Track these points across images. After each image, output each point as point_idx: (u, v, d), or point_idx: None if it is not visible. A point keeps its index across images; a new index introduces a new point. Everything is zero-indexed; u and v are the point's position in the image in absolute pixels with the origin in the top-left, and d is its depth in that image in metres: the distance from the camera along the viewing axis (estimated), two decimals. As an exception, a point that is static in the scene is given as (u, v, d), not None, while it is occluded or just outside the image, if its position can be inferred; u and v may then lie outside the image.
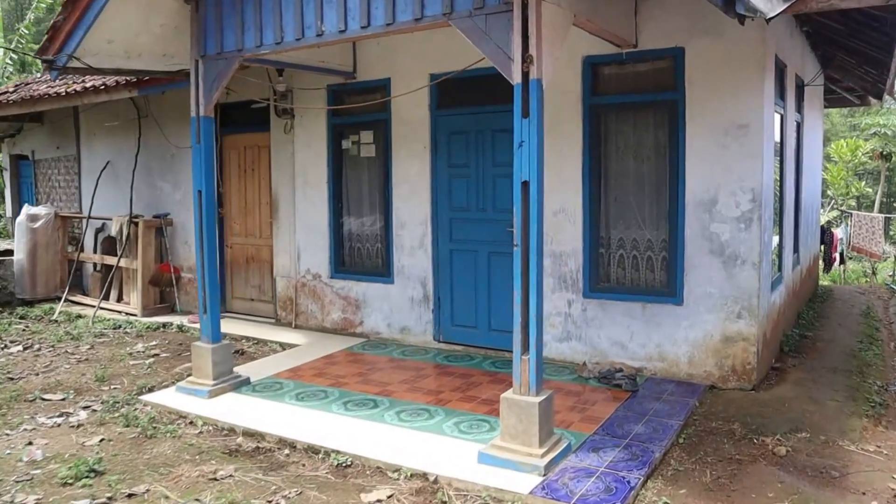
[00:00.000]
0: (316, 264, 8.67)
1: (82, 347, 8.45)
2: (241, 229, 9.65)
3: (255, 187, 9.44)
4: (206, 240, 6.35)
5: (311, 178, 8.62)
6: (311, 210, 8.65)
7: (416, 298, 7.86)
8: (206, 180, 6.30)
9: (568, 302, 6.83)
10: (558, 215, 6.83)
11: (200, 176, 6.29)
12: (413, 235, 7.81)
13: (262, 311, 9.54)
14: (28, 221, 10.98)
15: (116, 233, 10.25)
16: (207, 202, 6.32)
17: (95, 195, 10.85)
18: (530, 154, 4.41)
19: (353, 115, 8.27)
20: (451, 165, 7.52)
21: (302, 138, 8.66)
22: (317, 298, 8.69)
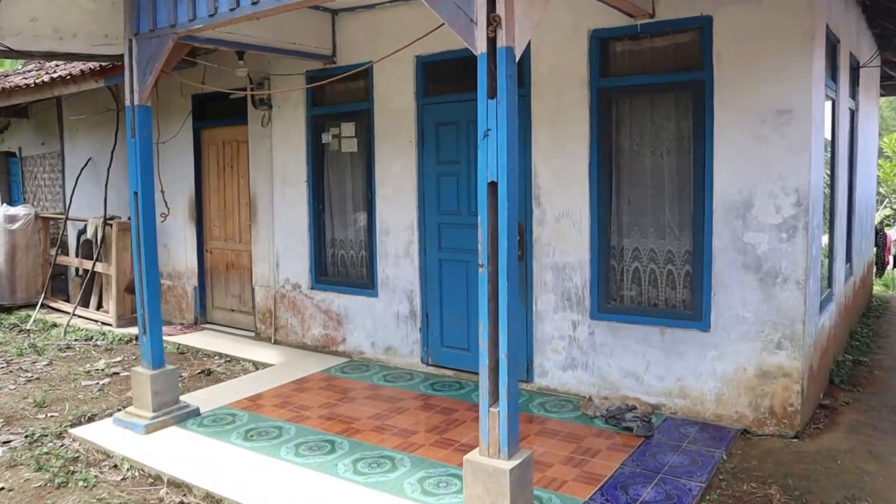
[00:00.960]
0: (296, 273, 7.71)
1: (40, 364, 7.62)
2: (221, 233, 8.75)
3: (235, 186, 8.53)
4: (144, 249, 5.42)
5: (289, 176, 7.66)
6: (290, 212, 7.70)
7: (402, 314, 6.85)
8: (143, 180, 5.37)
9: (572, 323, 5.76)
10: (561, 221, 5.76)
11: (136, 175, 5.36)
12: (398, 242, 6.80)
13: (242, 323, 8.62)
14: (6, 223, 10.25)
15: (92, 235, 9.44)
16: (145, 206, 5.39)
17: (75, 194, 10.06)
18: (499, 146, 3.36)
19: (333, 104, 7.29)
20: (440, 162, 6.49)
21: (280, 132, 7.71)
22: (297, 311, 7.74)
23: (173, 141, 8.96)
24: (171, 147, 9.01)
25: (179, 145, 8.91)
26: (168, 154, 9.08)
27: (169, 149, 9.04)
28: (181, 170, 8.93)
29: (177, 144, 8.94)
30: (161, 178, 9.27)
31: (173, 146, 8.98)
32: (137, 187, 5.35)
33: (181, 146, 8.89)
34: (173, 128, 8.89)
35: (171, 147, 9.00)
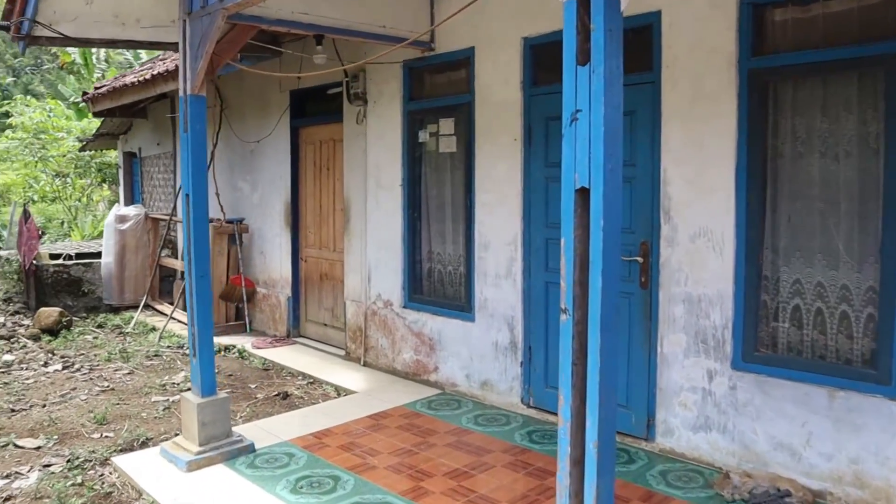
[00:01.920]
0: (387, 289, 6.86)
1: (121, 372, 7.21)
2: (316, 240, 8.06)
3: (330, 190, 7.81)
4: (195, 260, 4.70)
5: (384, 179, 6.82)
6: (383, 220, 6.85)
7: (500, 345, 5.81)
8: (196, 181, 4.66)
9: (708, 373, 4.50)
10: (697, 240, 4.52)
11: (188, 175, 4.66)
12: (498, 259, 5.77)
13: (333, 340, 7.88)
14: (116, 223, 10.13)
15: (191, 239, 9.05)
16: (197, 209, 4.67)
17: (179, 195, 9.75)
18: (593, 136, 2.28)
19: (431, 97, 6.38)
20: (550, 164, 5.40)
21: (375, 129, 6.88)
22: (387, 332, 6.87)
23: (270, 140, 8.39)
24: (267, 146, 8.45)
25: (276, 145, 8.32)
26: (264, 154, 8.52)
27: (265, 148, 8.49)
28: (277, 171, 8.34)
29: (273, 144, 8.36)
30: (255, 179, 8.75)
31: (269, 145, 8.41)
32: (189, 189, 4.65)
33: (278, 146, 8.30)
34: (269, 126, 8.31)
35: (268, 146, 8.44)
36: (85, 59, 20.01)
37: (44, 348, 8.10)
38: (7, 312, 9.42)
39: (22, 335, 8.60)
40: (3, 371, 7.18)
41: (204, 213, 4.72)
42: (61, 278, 9.83)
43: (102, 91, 9.86)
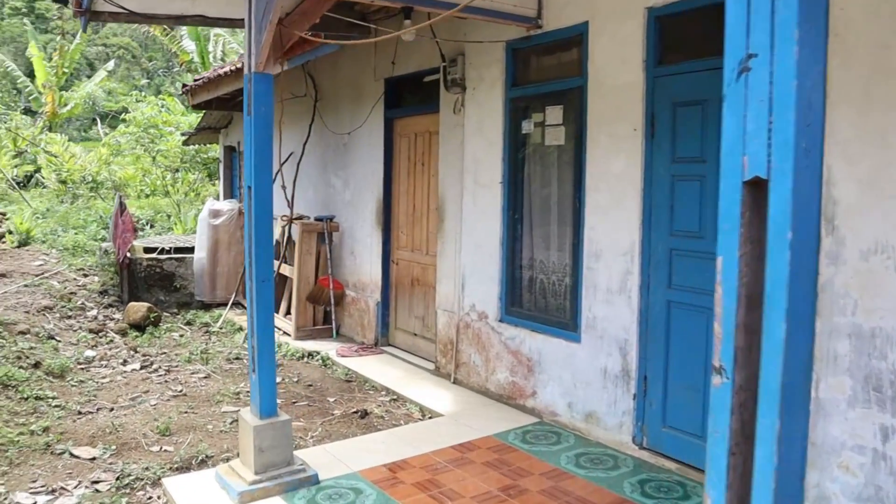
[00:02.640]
0: (483, 299, 6.10)
1: (198, 376, 6.79)
2: (408, 241, 7.40)
3: (425, 187, 7.12)
4: (257, 260, 4.10)
5: (482, 175, 6.06)
6: (480, 221, 6.10)
7: (610, 371, 4.94)
8: (259, 171, 4.05)
9: (882, 431, 3.48)
10: (871, 258, 3.51)
11: (251, 164, 4.06)
12: (611, 271, 4.90)
13: (423, 351, 7.20)
14: (210, 218, 9.85)
15: (279, 235, 8.61)
16: (260, 204, 4.07)
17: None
18: (776, 93, 1.42)
19: (537, 82, 5.58)
20: (677, 160, 4.48)
21: (473, 119, 6.14)
22: (481, 347, 6.11)
23: (362, 132, 7.80)
24: (360, 140, 7.87)
25: (369, 137, 7.72)
26: (356, 148, 7.95)
27: (358, 142, 7.91)
28: (370, 166, 7.74)
29: (365, 136, 7.77)
30: (347, 175, 8.18)
31: (363, 139, 7.83)
32: (251, 180, 4.04)
33: (371, 138, 7.69)
34: (363, 115, 7.72)
35: (361, 140, 7.86)
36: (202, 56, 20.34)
37: (128, 345, 7.83)
38: (101, 305, 9.29)
39: (111, 329, 8.40)
40: (83, 367, 6.91)
41: (267, 208, 4.10)
42: (154, 272, 9.65)
43: (200, 82, 9.60)
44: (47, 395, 5.95)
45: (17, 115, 19.88)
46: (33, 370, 6.46)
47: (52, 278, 10.04)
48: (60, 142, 18.34)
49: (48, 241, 12.42)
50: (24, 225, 12.57)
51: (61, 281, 9.99)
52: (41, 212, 14.58)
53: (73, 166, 17.12)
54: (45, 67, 23.99)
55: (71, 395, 6.10)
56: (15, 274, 9.97)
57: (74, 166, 17.11)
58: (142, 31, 40.57)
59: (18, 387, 6.01)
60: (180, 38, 21.18)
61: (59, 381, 6.37)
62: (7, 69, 26.03)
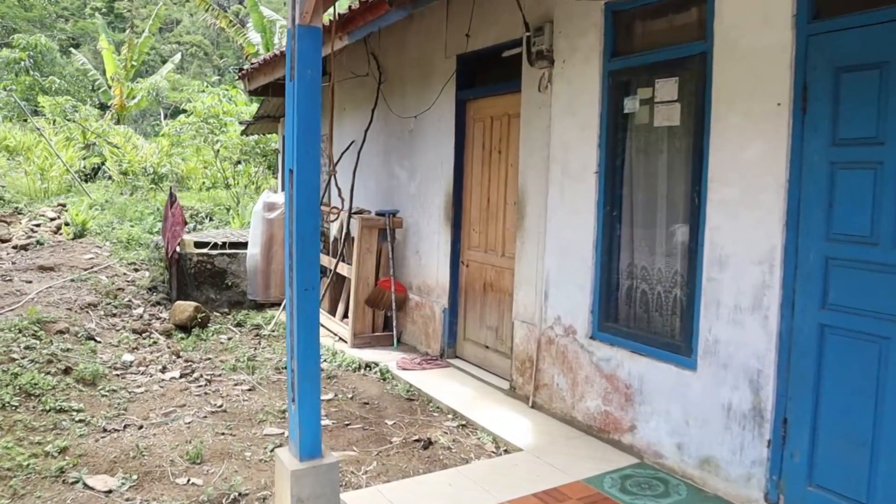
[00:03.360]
0: (570, 310, 5.15)
1: (241, 388, 6.05)
2: (481, 240, 6.49)
3: (501, 178, 6.21)
4: (299, 262, 3.26)
5: (572, 165, 5.12)
6: (568, 219, 5.15)
7: (736, 409, 3.94)
8: (304, 150, 3.21)
9: None
10: None
11: (293, 142, 3.22)
12: (741, 283, 3.89)
13: (496, 367, 6.29)
14: (264, 211, 9.15)
15: (337, 231, 7.83)
16: (304, 192, 3.23)
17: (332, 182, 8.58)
18: None
19: (644, 51, 4.60)
20: (839, 143, 3.46)
21: (563, 98, 5.19)
22: (566, 368, 5.17)
23: (430, 116, 6.93)
24: (428, 126, 7.00)
25: (438, 122, 6.85)
26: (424, 135, 7.09)
27: (425, 128, 7.05)
28: (438, 154, 6.87)
29: (434, 121, 6.89)
30: (413, 166, 7.33)
31: (431, 125, 6.96)
32: (293, 161, 3.21)
33: (440, 123, 6.82)
34: (431, 97, 6.86)
35: (429, 126, 6.99)
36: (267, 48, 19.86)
37: (171, 348, 7.16)
38: (149, 303, 8.69)
39: (155, 330, 7.76)
40: (119, 374, 6.24)
41: (313, 198, 3.26)
42: (205, 269, 8.99)
43: (256, 65, 8.91)
44: (72, 407, 5.26)
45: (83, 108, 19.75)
46: (62, 377, 5.80)
47: (101, 273, 9.52)
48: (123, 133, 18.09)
49: (103, 234, 11.99)
50: (79, 217, 12.17)
51: (110, 276, 9.45)
52: (99, 203, 14.23)
53: (134, 158, 16.80)
54: (114, 60, 23.98)
55: (99, 406, 5.41)
56: (63, 268, 9.47)
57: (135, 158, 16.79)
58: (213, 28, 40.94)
59: (42, 396, 5.35)
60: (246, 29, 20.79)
61: (88, 390, 5.69)
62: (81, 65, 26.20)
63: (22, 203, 14.20)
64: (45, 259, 10.04)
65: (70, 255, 10.29)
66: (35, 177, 15.74)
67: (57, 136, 18.73)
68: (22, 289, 8.25)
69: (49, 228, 12.48)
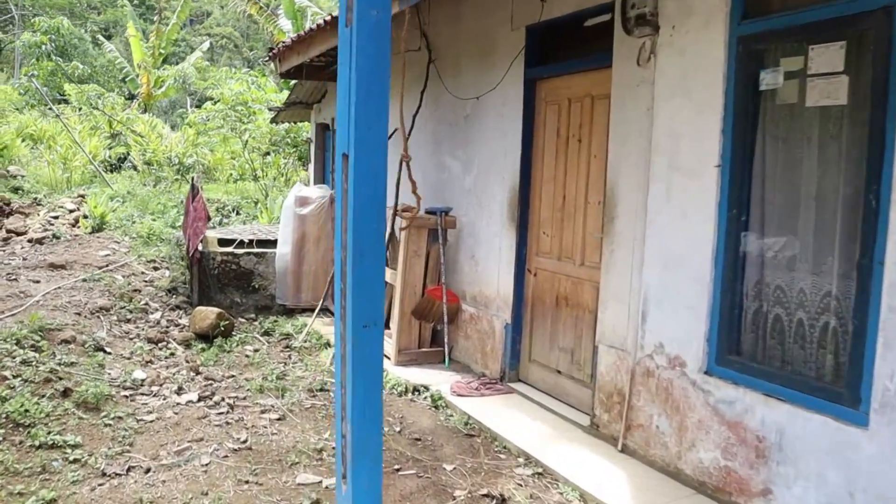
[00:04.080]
0: (677, 337, 4.15)
1: (269, 416, 5.13)
2: (553, 245, 5.50)
3: (582, 172, 5.20)
4: (356, 282, 2.29)
5: (683, 156, 4.10)
6: (677, 223, 4.14)
7: (934, 485, 2.92)
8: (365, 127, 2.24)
9: None
10: None
11: (348, 118, 2.25)
12: (948, 317, 2.87)
13: (570, 395, 5.30)
14: (296, 206, 8.24)
15: (381, 232, 6.86)
16: (366, 184, 2.26)
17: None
18: None
19: (789, 10, 3.57)
20: None
21: (671, 74, 4.18)
22: (671, 408, 4.17)
23: (491, 99, 5.95)
24: (488, 110, 6.02)
25: (501, 106, 5.86)
26: (483, 120, 6.11)
27: (485, 112, 6.07)
28: (501, 144, 5.88)
29: (496, 104, 5.91)
30: (468, 156, 6.34)
31: (492, 108, 5.97)
32: (349, 144, 2.24)
33: (504, 107, 5.83)
34: (493, 77, 5.87)
35: (489, 110, 6.00)
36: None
37: (189, 361, 6.28)
38: (167, 306, 7.82)
39: (173, 339, 6.88)
40: (128, 395, 5.35)
41: (377, 195, 2.30)
42: (229, 269, 8.09)
43: (289, 43, 7.98)
44: (67, 441, 4.36)
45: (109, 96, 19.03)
46: (60, 400, 4.92)
47: (116, 271, 8.67)
48: (148, 121, 17.32)
49: (123, 228, 11.18)
50: (98, 209, 11.37)
51: (126, 275, 8.60)
52: (120, 195, 13.44)
53: (159, 147, 16.01)
54: (141, 47, 23.31)
55: (101, 439, 4.51)
56: (76, 266, 8.64)
57: (160, 147, 16.00)
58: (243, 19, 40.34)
59: (33, 427, 4.46)
60: (277, 17, 19.99)
61: (90, 417, 4.80)
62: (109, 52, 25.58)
63: (42, 194, 13.47)
64: (58, 255, 9.23)
65: (85, 252, 9.47)
66: (57, 166, 15.02)
67: (82, 124, 18.04)
68: (28, 290, 7.41)
69: (67, 221, 11.72)
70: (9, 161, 15.42)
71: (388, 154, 2.29)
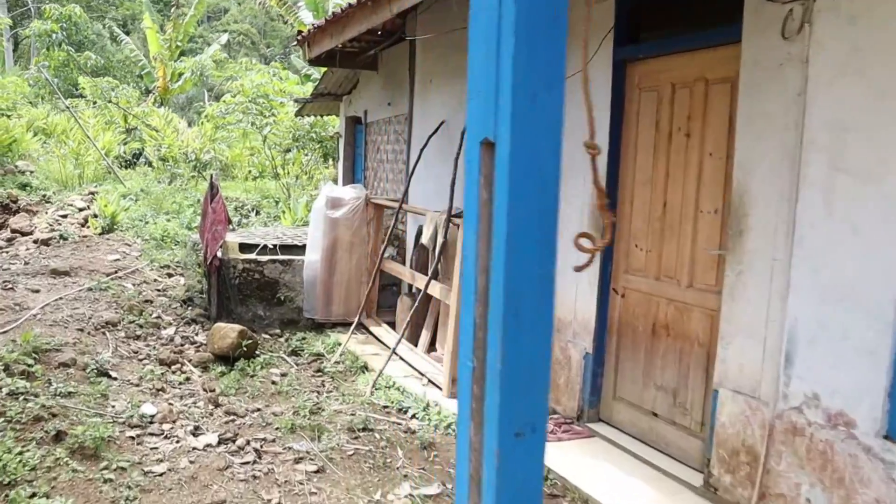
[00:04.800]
0: (841, 388, 3.20)
1: (306, 465, 4.22)
2: (650, 262, 4.54)
3: (690, 172, 4.24)
4: (508, 350, 1.34)
5: (851, 154, 3.15)
6: (843, 241, 3.19)
7: None
8: (524, 100, 1.30)
9: None
10: None
11: (493, 84, 1.30)
12: None
13: (671, 445, 4.34)
14: (327, 208, 7.33)
15: (429, 240, 5.95)
16: (523, 190, 1.32)
17: (416, 173, 6.72)
18: None
19: None
20: None
21: (834, 49, 3.22)
22: (833, 478, 3.22)
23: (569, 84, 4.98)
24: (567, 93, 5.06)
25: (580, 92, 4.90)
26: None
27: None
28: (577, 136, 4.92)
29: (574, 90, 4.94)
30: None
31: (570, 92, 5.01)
32: (496, 125, 1.30)
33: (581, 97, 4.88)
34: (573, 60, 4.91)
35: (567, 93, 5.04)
36: (319, 24, 18.11)
37: (207, 390, 5.39)
38: (182, 320, 6.94)
39: (189, 360, 6.00)
40: (135, 436, 4.46)
41: (547, 204, 1.35)
42: (251, 278, 7.19)
43: (323, 23, 7.08)
44: (57, 507, 3.48)
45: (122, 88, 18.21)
46: (51, 447, 4.03)
47: (126, 279, 7.81)
48: (163, 115, 16.47)
49: (135, 228, 10.33)
50: (109, 208, 10.52)
51: (137, 283, 7.74)
52: (133, 193, 12.59)
53: (174, 142, 15.15)
54: (158, 39, 22.52)
55: (99, 502, 3.62)
56: (81, 272, 7.78)
57: (175, 142, 15.15)
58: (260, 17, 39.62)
59: (12, 487, 3.57)
60: (297, 8, 19.14)
61: (86, 470, 3.90)
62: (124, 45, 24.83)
63: (51, 191, 12.65)
64: (63, 259, 8.39)
65: (92, 256, 8.62)
66: (68, 162, 14.21)
67: (96, 118, 17.23)
68: (25, 301, 6.55)
69: (76, 220, 10.88)
70: (18, 156, 14.64)
71: (562, 143, 1.35)
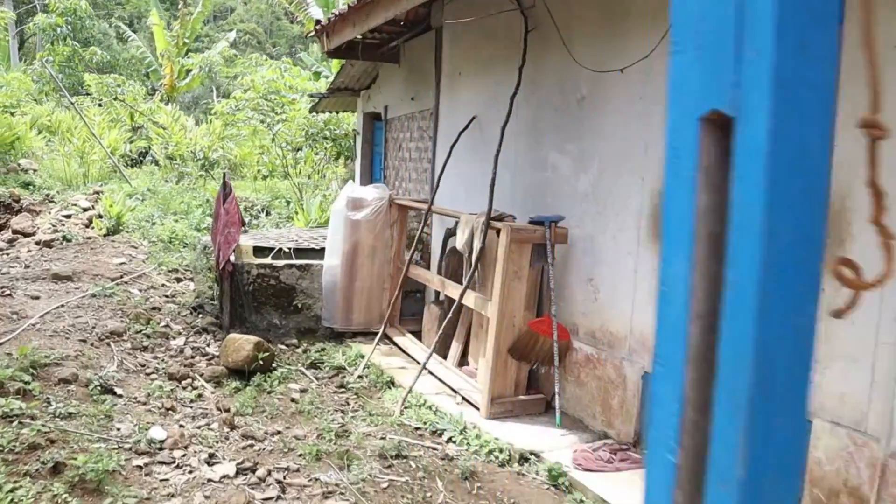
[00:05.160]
0: (978, 425, 2.69)
1: (333, 500, 3.72)
2: (717, 271, 4.03)
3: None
4: (759, 397, 0.84)
5: None
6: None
7: None
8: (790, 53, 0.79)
9: None
10: None
11: (724, 43, 0.80)
12: None
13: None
14: (348, 210, 6.84)
15: (464, 245, 5.44)
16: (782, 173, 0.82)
17: (444, 173, 6.23)
18: None
19: None
20: None
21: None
22: (965, 533, 2.71)
23: (629, 74, 4.48)
24: (616, 85, 4.56)
25: (642, 82, 4.40)
26: (607, 98, 4.66)
27: (612, 88, 4.62)
28: (639, 131, 4.43)
29: (633, 80, 4.44)
30: (584, 151, 4.87)
31: (619, 84, 4.52)
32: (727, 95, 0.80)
33: (644, 85, 4.37)
34: (626, 46, 4.42)
35: (618, 85, 4.55)
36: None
37: (221, 409, 4.91)
38: (192, 329, 6.46)
39: (200, 374, 5.52)
40: (143, 464, 3.97)
41: (816, 208, 0.85)
42: (267, 284, 6.70)
43: (345, 10, 6.58)
44: (52, 558, 2.99)
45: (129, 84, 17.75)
46: (47, 481, 3.54)
47: (132, 283, 7.32)
48: (171, 113, 16.00)
49: (142, 230, 9.85)
50: (114, 208, 10.05)
51: (144, 288, 7.25)
52: (139, 192, 12.12)
53: (182, 140, 14.68)
54: (164, 36, 22.08)
55: (101, 550, 3.13)
56: (84, 276, 7.30)
57: (183, 140, 14.67)
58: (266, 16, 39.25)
59: (4, 532, 3.09)
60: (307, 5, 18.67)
61: (88, 508, 3.42)
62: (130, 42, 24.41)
63: (55, 190, 12.18)
64: (65, 262, 7.92)
65: (97, 259, 8.14)
66: (73, 160, 13.74)
67: (101, 116, 16.78)
68: (23, 308, 6.07)
69: (80, 221, 10.41)
70: (21, 154, 14.18)
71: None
